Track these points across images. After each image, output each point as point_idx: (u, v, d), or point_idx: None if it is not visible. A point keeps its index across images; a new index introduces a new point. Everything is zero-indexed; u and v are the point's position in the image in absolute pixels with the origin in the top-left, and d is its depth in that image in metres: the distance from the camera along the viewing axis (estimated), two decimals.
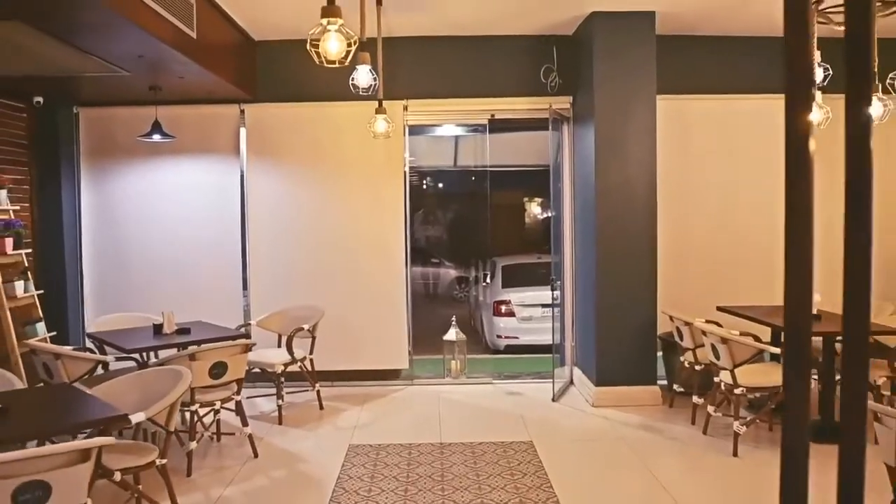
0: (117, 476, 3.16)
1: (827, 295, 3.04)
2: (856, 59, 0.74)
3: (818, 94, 4.26)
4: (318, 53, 2.74)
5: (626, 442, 4.93)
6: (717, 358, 4.77)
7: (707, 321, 5.30)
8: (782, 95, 0.77)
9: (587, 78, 5.90)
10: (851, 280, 0.75)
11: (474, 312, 10.89)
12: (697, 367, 5.27)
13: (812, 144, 0.75)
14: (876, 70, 3.76)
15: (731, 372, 4.64)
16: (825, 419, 4.75)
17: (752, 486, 4.10)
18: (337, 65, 2.80)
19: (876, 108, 4.40)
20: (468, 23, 5.99)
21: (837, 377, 4.70)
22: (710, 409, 4.96)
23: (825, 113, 4.30)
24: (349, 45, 2.75)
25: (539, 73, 6.34)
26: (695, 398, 5.25)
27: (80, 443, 2.64)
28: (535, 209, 13.76)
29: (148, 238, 6.46)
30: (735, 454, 4.53)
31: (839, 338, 4.60)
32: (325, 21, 2.65)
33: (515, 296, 8.85)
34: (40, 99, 5.99)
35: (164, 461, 3.44)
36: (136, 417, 3.14)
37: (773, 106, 5.24)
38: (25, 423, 2.97)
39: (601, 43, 5.71)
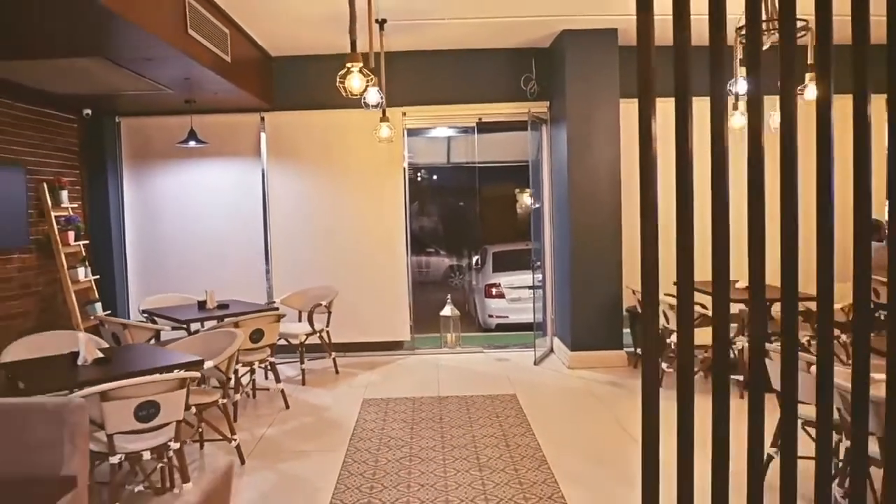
0: (193, 409, 4.13)
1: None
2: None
3: (740, 103, 5.24)
4: (344, 88, 3.67)
5: (595, 394, 5.93)
6: (668, 322, 5.77)
7: (666, 294, 6.27)
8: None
9: (561, 85, 6.85)
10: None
11: (468, 296, 11.88)
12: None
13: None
14: None
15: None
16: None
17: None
18: (358, 96, 3.75)
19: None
20: (458, 39, 6.93)
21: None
22: (664, 365, 5.96)
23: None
24: (368, 81, 3.69)
25: (520, 81, 7.30)
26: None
27: (179, 374, 3.61)
28: (526, 199, 14.71)
29: (182, 230, 7.43)
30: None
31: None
32: (349, 64, 3.59)
33: (505, 279, 9.81)
34: (89, 111, 6.92)
35: (224, 400, 4.42)
36: (209, 363, 4.11)
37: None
38: (128, 365, 3.93)
39: (572, 56, 6.66)
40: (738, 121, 5.12)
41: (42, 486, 2.21)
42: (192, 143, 6.67)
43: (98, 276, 6.75)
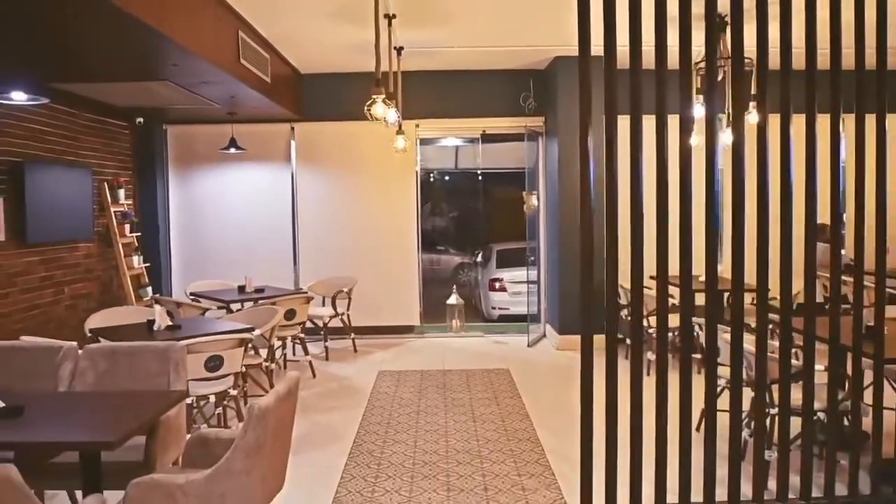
0: (243, 368, 5.12)
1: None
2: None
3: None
4: (370, 114, 4.62)
5: (576, 370, 6.80)
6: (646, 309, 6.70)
7: (646, 287, 7.22)
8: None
9: (554, 103, 7.81)
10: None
11: (473, 290, 12.83)
12: (629, 318, 7.20)
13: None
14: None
15: (647, 318, 6.57)
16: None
17: (652, 392, 6.03)
18: (381, 120, 4.72)
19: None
20: (466, 62, 7.90)
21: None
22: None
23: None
24: (388, 107, 4.64)
25: (519, 99, 8.28)
26: (628, 340, 7.18)
27: (238, 335, 4.60)
28: (533, 202, 15.63)
29: (220, 225, 8.46)
30: (648, 374, 6.45)
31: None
32: (374, 95, 4.56)
33: (507, 274, 10.73)
34: (141, 119, 7.95)
35: (267, 363, 5.41)
36: (257, 332, 5.10)
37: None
38: (194, 331, 4.92)
39: (564, 77, 7.61)
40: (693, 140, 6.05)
41: (160, 397, 3.19)
42: (232, 150, 7.67)
43: (148, 265, 7.77)
